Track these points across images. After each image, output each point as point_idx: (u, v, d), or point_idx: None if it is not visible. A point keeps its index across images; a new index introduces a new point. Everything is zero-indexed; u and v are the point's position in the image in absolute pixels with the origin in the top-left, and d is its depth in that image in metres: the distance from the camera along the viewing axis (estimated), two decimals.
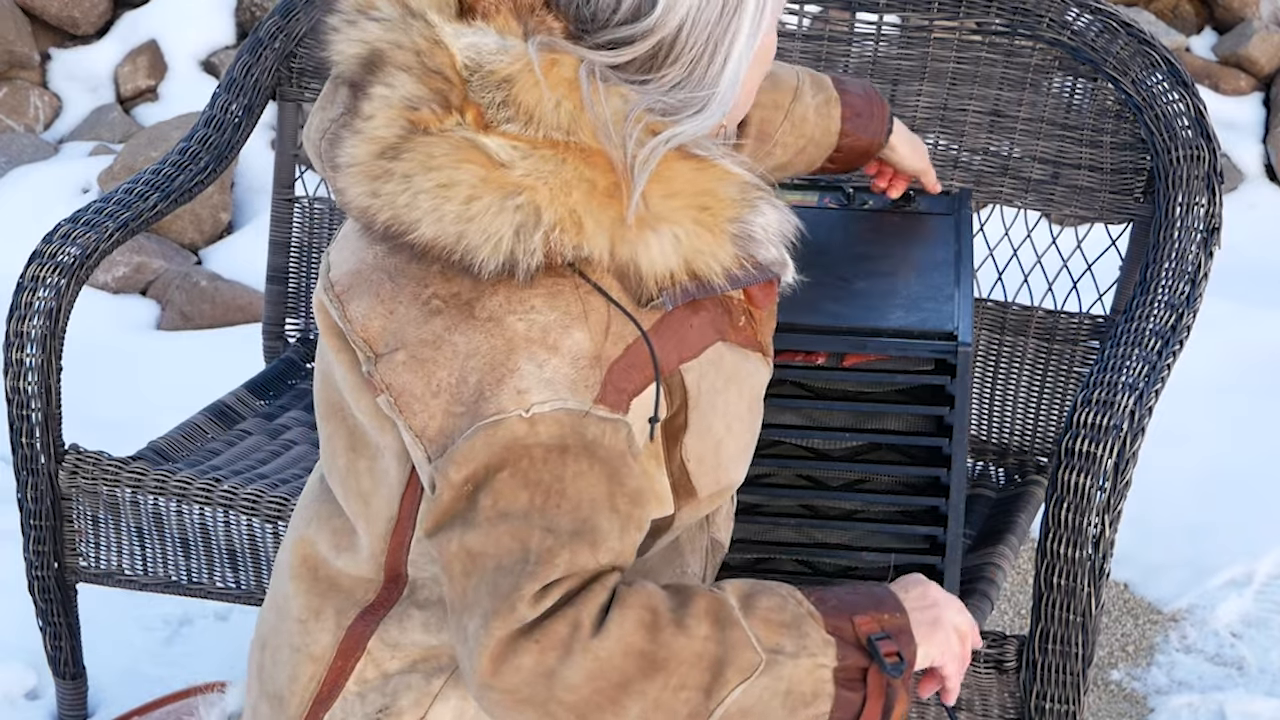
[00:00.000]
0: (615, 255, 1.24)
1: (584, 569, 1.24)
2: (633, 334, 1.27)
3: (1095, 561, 1.69)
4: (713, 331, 1.33)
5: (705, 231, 1.26)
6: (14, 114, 4.37)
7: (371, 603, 1.40)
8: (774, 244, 1.30)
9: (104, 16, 4.52)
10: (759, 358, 1.41)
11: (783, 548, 1.74)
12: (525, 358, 1.23)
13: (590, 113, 1.22)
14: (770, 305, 1.41)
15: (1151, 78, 2.05)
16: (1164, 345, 1.80)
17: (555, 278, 1.24)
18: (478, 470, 1.24)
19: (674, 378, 1.30)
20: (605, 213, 1.23)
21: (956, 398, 1.62)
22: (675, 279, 1.26)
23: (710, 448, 1.36)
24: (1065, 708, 1.76)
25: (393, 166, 1.23)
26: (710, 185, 1.27)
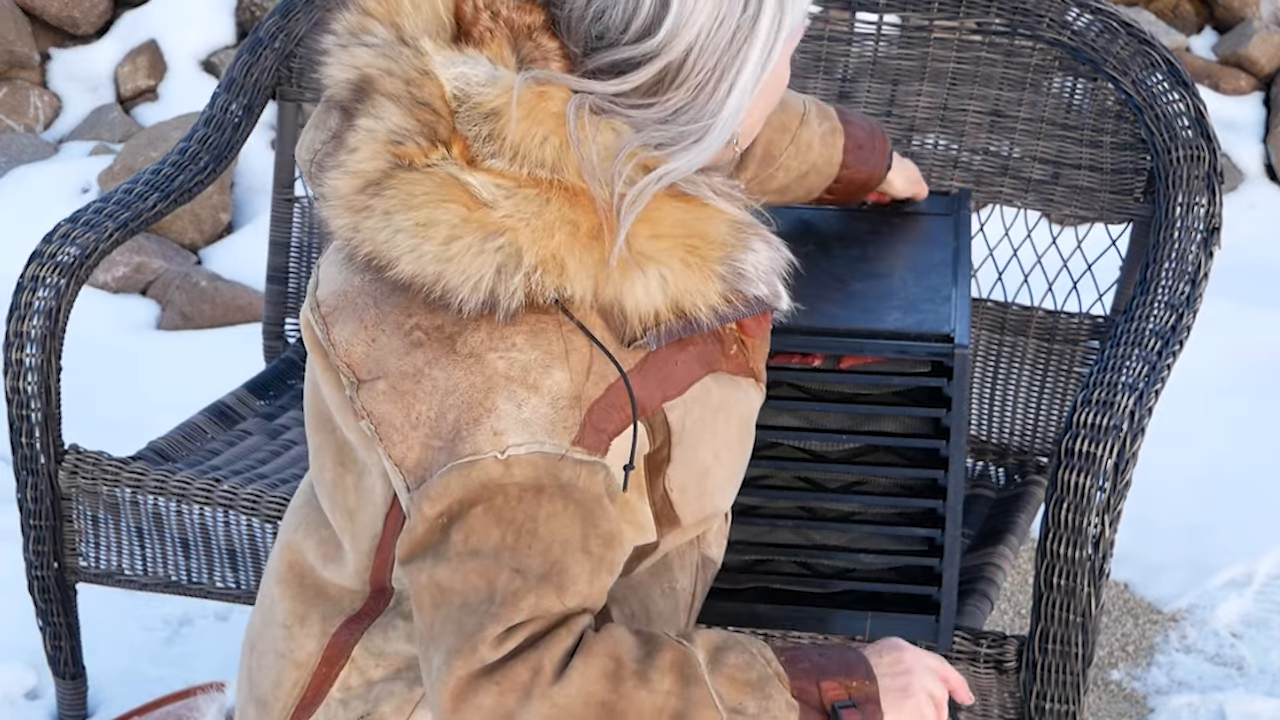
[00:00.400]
0: (600, 295, 1.23)
1: (549, 612, 1.24)
2: (614, 374, 1.26)
3: (1095, 561, 1.69)
4: (700, 366, 1.32)
5: (693, 272, 1.25)
6: (14, 114, 4.37)
7: (357, 611, 1.40)
8: (765, 281, 1.29)
9: (104, 16, 4.52)
10: (751, 383, 1.40)
11: (781, 549, 1.74)
12: (504, 397, 1.23)
13: (576, 151, 1.21)
14: (763, 334, 1.40)
15: (1151, 78, 2.05)
16: (1164, 345, 1.80)
17: (538, 315, 1.23)
18: (451, 505, 1.23)
19: (656, 416, 1.30)
20: (589, 255, 1.22)
21: (954, 400, 1.62)
22: (661, 319, 1.25)
23: (695, 477, 1.36)
24: (1065, 708, 1.76)
25: (374, 203, 1.22)
26: (699, 225, 1.26)
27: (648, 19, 1.23)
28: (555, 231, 1.20)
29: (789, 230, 1.87)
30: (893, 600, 1.75)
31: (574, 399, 1.24)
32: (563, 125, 1.21)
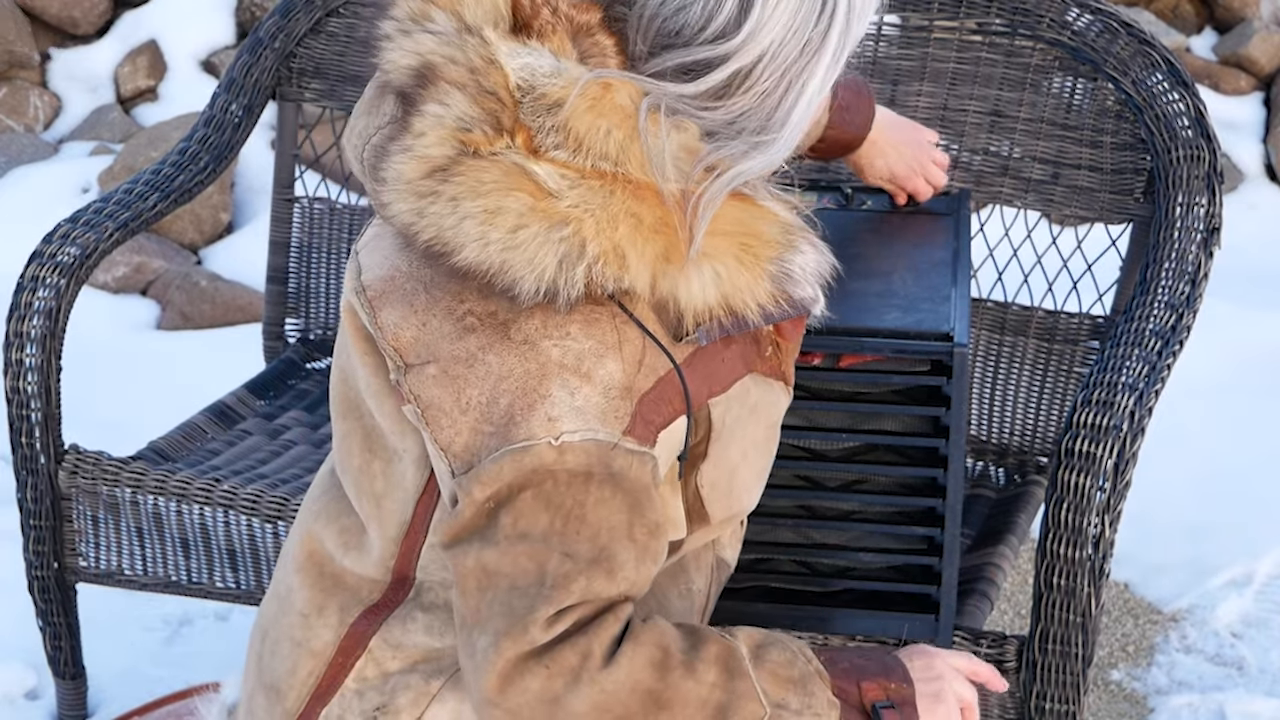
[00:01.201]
0: (656, 289, 1.24)
1: (599, 596, 1.25)
2: (665, 367, 1.27)
3: (1095, 561, 1.69)
4: (742, 365, 1.34)
5: (745, 270, 1.26)
6: (14, 114, 4.37)
7: (376, 602, 1.40)
8: (810, 283, 1.31)
9: (104, 16, 4.52)
10: (781, 386, 1.41)
11: (781, 548, 1.74)
12: (558, 384, 1.23)
13: (645, 145, 1.22)
14: (797, 337, 1.41)
15: (1151, 78, 2.05)
16: (1164, 345, 1.80)
17: (593, 306, 1.24)
18: (501, 490, 1.24)
19: (701, 411, 1.31)
20: (649, 247, 1.22)
21: (953, 399, 1.62)
22: (713, 315, 1.26)
23: (725, 475, 1.37)
24: (1065, 708, 1.76)
25: (441, 189, 1.22)
26: (754, 225, 1.27)
27: (728, 19, 1.23)
28: (619, 223, 1.21)
29: None
30: (892, 599, 1.75)
31: (625, 389, 1.25)
32: (628, 120, 1.22)
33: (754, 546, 1.74)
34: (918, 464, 1.69)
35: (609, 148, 1.22)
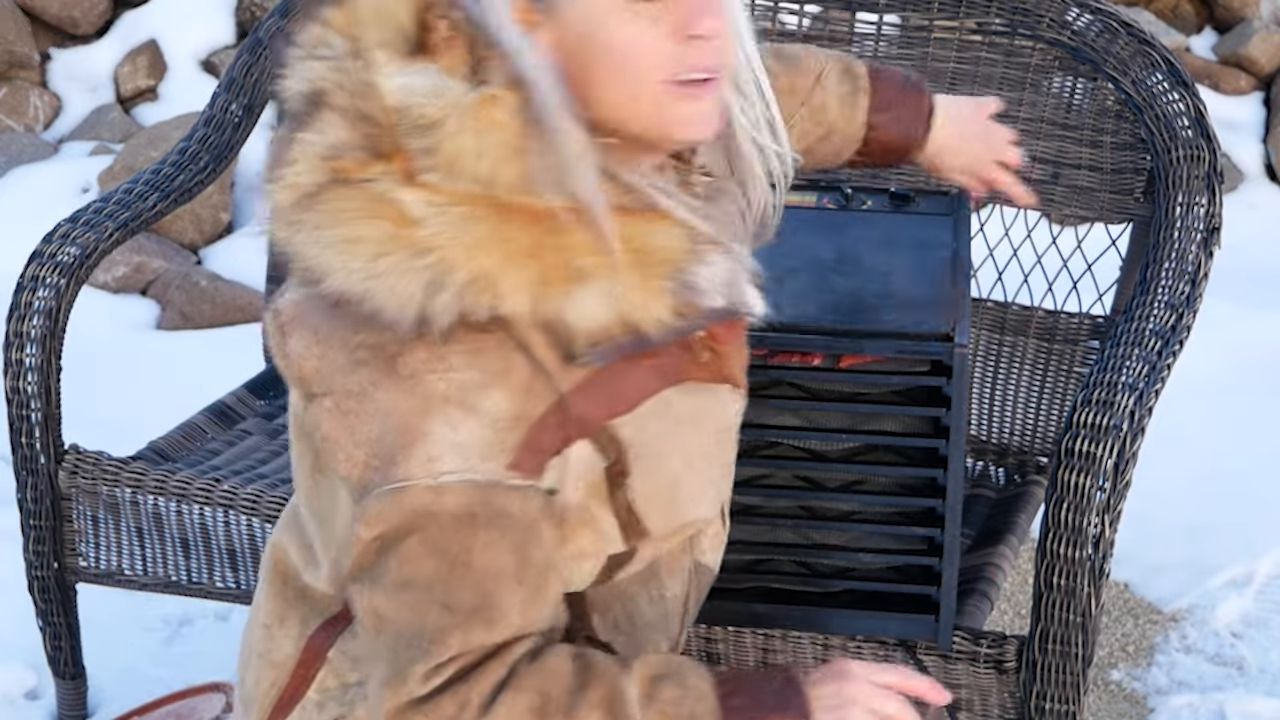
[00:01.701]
0: (540, 312, 1.21)
1: (479, 646, 1.23)
2: (556, 392, 1.24)
3: (1095, 561, 1.69)
4: (658, 380, 1.30)
5: (638, 286, 1.23)
6: (14, 114, 4.37)
7: (334, 615, 1.40)
8: (723, 293, 1.28)
9: (104, 16, 4.52)
10: (728, 390, 1.38)
11: (780, 549, 1.74)
12: (440, 420, 1.21)
13: (520, 162, 1.19)
14: (737, 340, 1.38)
15: (1151, 78, 2.05)
16: (1164, 345, 1.80)
17: (478, 334, 1.21)
18: (387, 532, 1.23)
19: (604, 433, 1.27)
20: (523, 272, 1.19)
21: (953, 399, 1.63)
22: (608, 334, 1.23)
23: (664, 487, 1.34)
24: (1065, 708, 1.76)
25: (305, 218, 1.21)
26: (644, 239, 1.24)
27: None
28: (486, 248, 1.19)
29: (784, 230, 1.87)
30: (892, 600, 1.75)
31: (514, 419, 1.22)
32: (505, 137, 1.20)
33: (754, 547, 1.74)
34: (918, 464, 1.69)
35: (480, 170, 1.19)
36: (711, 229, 1.29)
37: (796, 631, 1.82)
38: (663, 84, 1.25)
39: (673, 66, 1.25)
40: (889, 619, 1.75)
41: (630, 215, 1.24)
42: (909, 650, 1.79)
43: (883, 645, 1.80)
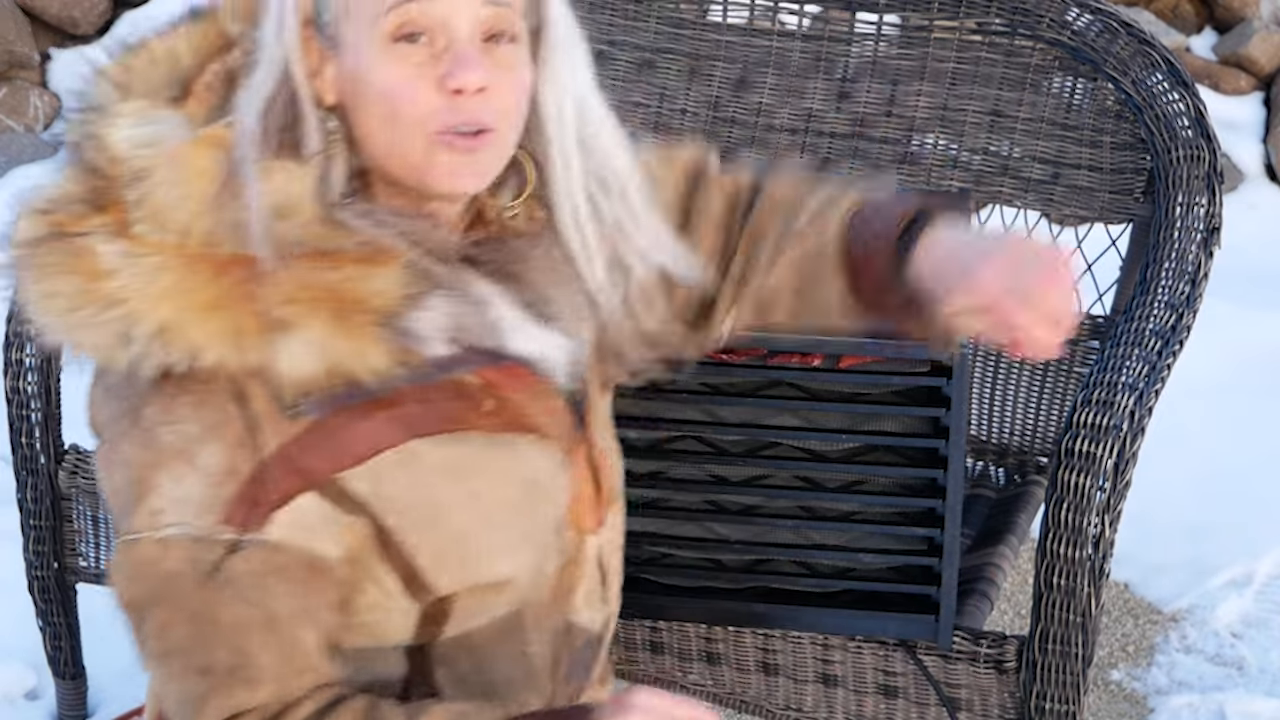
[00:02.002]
0: (248, 363, 1.20)
1: (244, 706, 1.22)
2: (273, 444, 1.22)
3: (1095, 561, 1.69)
4: (398, 431, 1.26)
5: (345, 335, 1.21)
6: (14, 114, 4.37)
7: None
8: (444, 340, 1.24)
9: (104, 16, 4.52)
10: (531, 439, 1.33)
11: (780, 549, 1.74)
12: (166, 473, 1.21)
13: (214, 213, 1.19)
14: (525, 388, 1.32)
15: (1151, 78, 2.05)
16: (1164, 345, 1.80)
17: (205, 385, 1.21)
18: (135, 598, 1.23)
19: (331, 487, 1.24)
20: (210, 323, 1.19)
21: (953, 399, 1.63)
22: (320, 384, 1.21)
23: (449, 543, 1.29)
24: (1065, 708, 1.76)
25: (19, 273, 1.23)
26: (347, 286, 1.21)
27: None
28: (169, 300, 1.18)
29: None
30: (892, 600, 1.75)
31: (226, 473, 1.21)
32: (205, 185, 1.20)
33: (754, 547, 1.74)
34: (918, 465, 1.69)
35: (179, 219, 1.19)
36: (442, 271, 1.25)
37: (796, 631, 1.82)
38: (427, 135, 1.24)
39: (439, 118, 1.24)
40: (889, 619, 1.75)
41: (340, 260, 1.22)
42: (909, 650, 1.79)
43: (883, 645, 1.80)
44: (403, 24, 1.23)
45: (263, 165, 1.21)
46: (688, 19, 2.20)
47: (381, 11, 1.22)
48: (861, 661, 1.82)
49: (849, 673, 1.84)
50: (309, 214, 1.21)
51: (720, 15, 2.20)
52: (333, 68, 1.25)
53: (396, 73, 1.23)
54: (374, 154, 1.26)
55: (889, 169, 2.12)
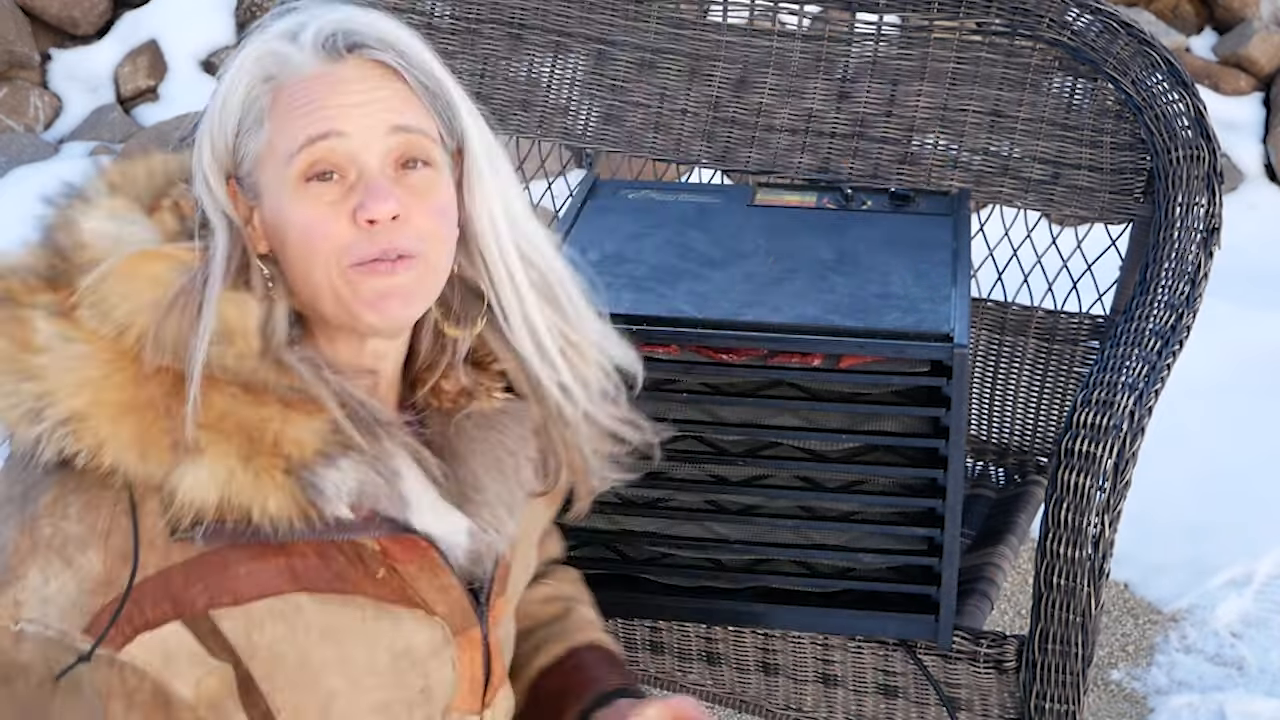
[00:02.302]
0: (149, 475, 1.20)
1: None
2: (153, 566, 1.21)
3: (1095, 561, 1.69)
4: (286, 581, 1.24)
5: (250, 472, 1.20)
6: (14, 114, 4.37)
7: None
8: (347, 502, 1.23)
9: (104, 16, 4.52)
10: (417, 614, 1.31)
11: (780, 549, 1.74)
12: (38, 567, 1.20)
13: (154, 319, 1.20)
14: (420, 561, 1.31)
15: (1151, 78, 2.05)
16: (1164, 345, 1.80)
17: (100, 488, 1.21)
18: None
19: (203, 622, 1.23)
20: (121, 425, 1.19)
21: (953, 399, 1.62)
22: (214, 515, 1.20)
23: (312, 701, 1.28)
24: (1065, 708, 1.76)
25: None
26: (263, 425, 1.21)
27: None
28: (88, 391, 1.19)
29: (784, 230, 1.87)
30: (892, 600, 1.75)
31: (103, 583, 1.20)
32: (154, 289, 1.21)
33: (754, 547, 1.74)
34: (917, 465, 1.69)
35: (119, 314, 1.21)
36: (350, 431, 1.25)
37: (796, 631, 1.82)
38: (344, 269, 1.25)
39: (355, 250, 1.25)
40: (889, 619, 1.75)
41: (266, 399, 1.22)
42: (909, 650, 1.79)
43: (883, 645, 1.80)
44: (313, 163, 1.25)
45: (223, 292, 1.22)
46: (688, 19, 2.20)
47: (292, 153, 1.24)
48: (861, 661, 1.82)
49: (849, 673, 1.84)
50: (252, 346, 1.22)
51: (720, 15, 2.20)
52: (259, 216, 1.28)
53: (310, 212, 1.25)
54: (304, 297, 1.28)
55: (889, 169, 2.12)
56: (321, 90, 1.25)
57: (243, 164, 1.27)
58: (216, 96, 1.27)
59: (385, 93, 1.27)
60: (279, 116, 1.25)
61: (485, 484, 1.34)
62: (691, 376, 1.68)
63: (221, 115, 1.26)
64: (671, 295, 1.71)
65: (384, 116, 1.26)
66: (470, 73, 2.24)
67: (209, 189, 1.26)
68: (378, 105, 1.26)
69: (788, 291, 1.71)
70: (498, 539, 1.34)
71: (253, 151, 1.26)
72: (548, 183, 2.68)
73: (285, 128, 1.25)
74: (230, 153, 1.27)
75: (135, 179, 1.31)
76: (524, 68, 2.25)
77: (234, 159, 1.27)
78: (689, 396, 1.70)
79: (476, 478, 1.34)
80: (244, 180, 1.27)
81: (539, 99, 2.24)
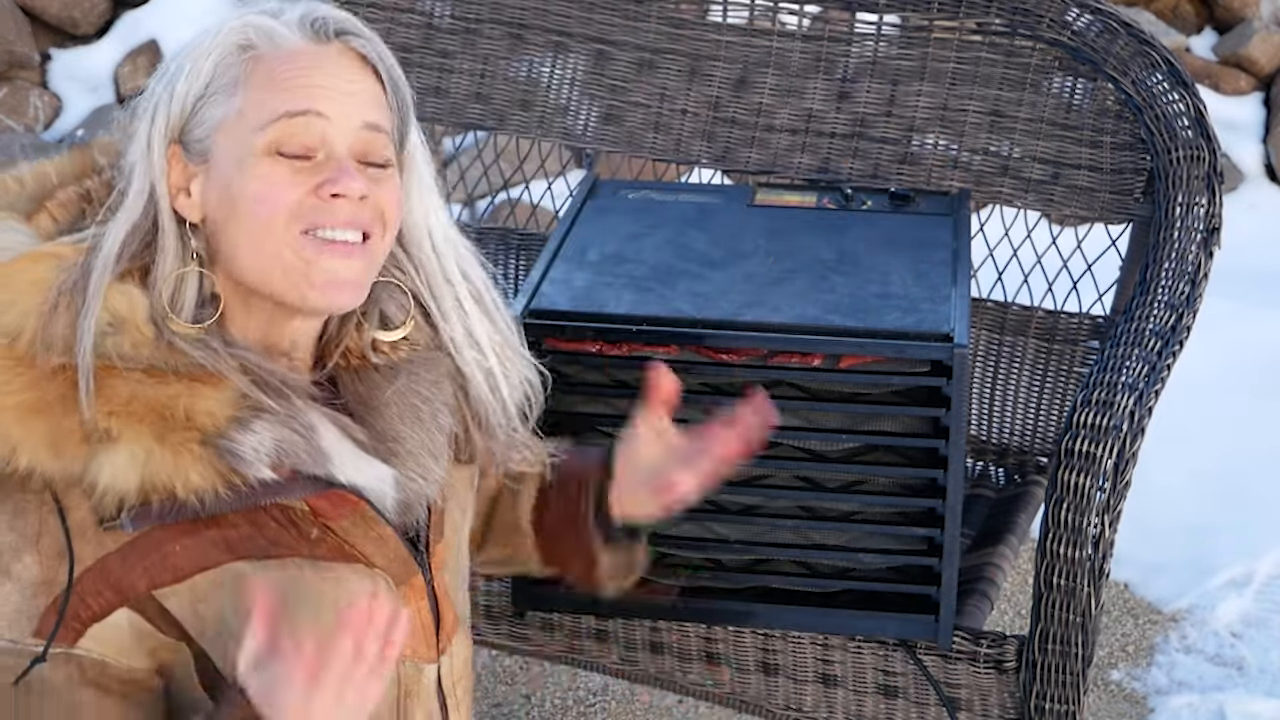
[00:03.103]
0: (68, 471, 1.20)
1: None
2: (89, 558, 1.22)
3: (1095, 561, 1.69)
4: (221, 552, 1.25)
5: (167, 452, 1.21)
6: (14, 114, 4.37)
7: None
8: (267, 463, 1.24)
9: (104, 16, 4.52)
10: (356, 568, 1.32)
11: (780, 549, 1.74)
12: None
13: (38, 319, 1.20)
14: (352, 515, 1.32)
15: (1151, 78, 2.05)
16: (1164, 345, 1.80)
17: (24, 493, 1.22)
18: None
19: (149, 604, 1.24)
20: (29, 427, 1.19)
21: (953, 399, 1.63)
22: (139, 498, 1.21)
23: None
24: (1065, 708, 1.76)
25: None
26: (169, 402, 1.22)
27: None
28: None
29: (784, 230, 1.87)
30: (892, 600, 1.75)
31: (43, 584, 1.21)
32: (36, 292, 1.21)
33: (754, 547, 1.74)
34: (917, 465, 1.69)
35: (8, 321, 1.21)
36: (258, 396, 1.25)
37: (796, 631, 1.82)
38: (295, 235, 1.26)
39: (307, 217, 1.26)
40: (889, 619, 1.75)
41: (169, 378, 1.23)
42: (909, 650, 1.79)
43: (883, 645, 1.80)
44: (285, 137, 1.25)
45: (108, 285, 1.22)
46: (688, 19, 2.20)
47: (264, 123, 1.25)
48: (861, 661, 1.82)
49: (849, 673, 1.84)
50: (145, 334, 1.23)
51: (720, 15, 2.20)
52: (200, 184, 1.27)
53: (271, 178, 1.25)
54: (244, 268, 1.27)
55: (889, 169, 2.12)
56: (307, 67, 1.26)
57: (195, 130, 1.27)
58: (180, 61, 1.27)
59: (364, 86, 1.28)
60: (256, 86, 1.25)
61: (403, 434, 1.35)
62: (691, 376, 1.68)
63: (187, 80, 1.26)
64: (671, 295, 1.71)
65: (360, 111, 1.28)
66: (470, 73, 2.24)
67: (149, 154, 1.26)
68: (357, 99, 1.27)
69: (788, 291, 1.71)
70: (425, 485, 1.36)
71: (214, 118, 1.26)
72: (548, 183, 2.68)
73: (263, 98, 1.25)
74: (184, 116, 1.27)
75: (6, 189, 1.31)
76: (524, 68, 2.25)
77: (185, 123, 1.27)
78: (689, 396, 1.70)
79: (394, 428, 1.35)
80: (191, 145, 1.27)
81: (539, 99, 2.24)
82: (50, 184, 1.32)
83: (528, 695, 2.65)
